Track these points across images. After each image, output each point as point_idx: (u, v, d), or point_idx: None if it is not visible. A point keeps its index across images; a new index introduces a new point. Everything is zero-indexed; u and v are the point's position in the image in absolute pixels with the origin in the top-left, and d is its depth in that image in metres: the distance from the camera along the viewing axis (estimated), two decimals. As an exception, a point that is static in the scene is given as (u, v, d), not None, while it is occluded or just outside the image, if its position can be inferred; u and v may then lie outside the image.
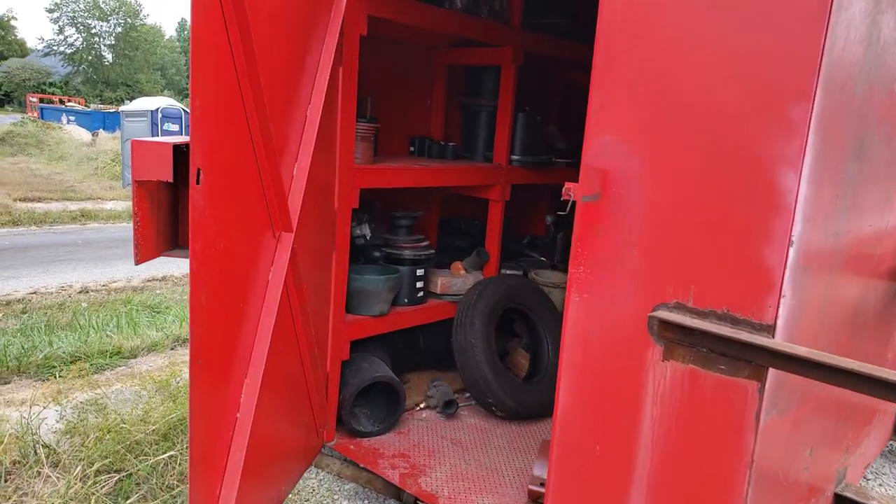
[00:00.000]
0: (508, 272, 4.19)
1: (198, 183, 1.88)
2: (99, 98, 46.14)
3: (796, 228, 1.83)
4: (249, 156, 2.21)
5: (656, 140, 2.03)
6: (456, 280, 3.83)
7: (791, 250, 1.84)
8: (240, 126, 2.13)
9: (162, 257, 2.18)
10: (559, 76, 5.00)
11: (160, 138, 2.15)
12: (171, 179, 1.98)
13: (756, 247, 1.87)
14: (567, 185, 2.31)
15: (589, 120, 2.20)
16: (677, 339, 2.08)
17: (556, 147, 4.39)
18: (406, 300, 3.64)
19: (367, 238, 3.74)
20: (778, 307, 1.88)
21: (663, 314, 2.10)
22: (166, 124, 15.17)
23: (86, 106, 33.57)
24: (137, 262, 2.05)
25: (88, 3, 49.74)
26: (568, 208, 2.31)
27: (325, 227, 3.07)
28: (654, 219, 2.07)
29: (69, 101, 35.16)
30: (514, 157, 4.01)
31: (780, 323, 1.90)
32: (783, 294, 1.87)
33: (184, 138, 2.09)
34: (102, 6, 50.08)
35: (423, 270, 3.66)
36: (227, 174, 2.08)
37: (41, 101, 33.20)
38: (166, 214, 2.24)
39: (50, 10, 49.52)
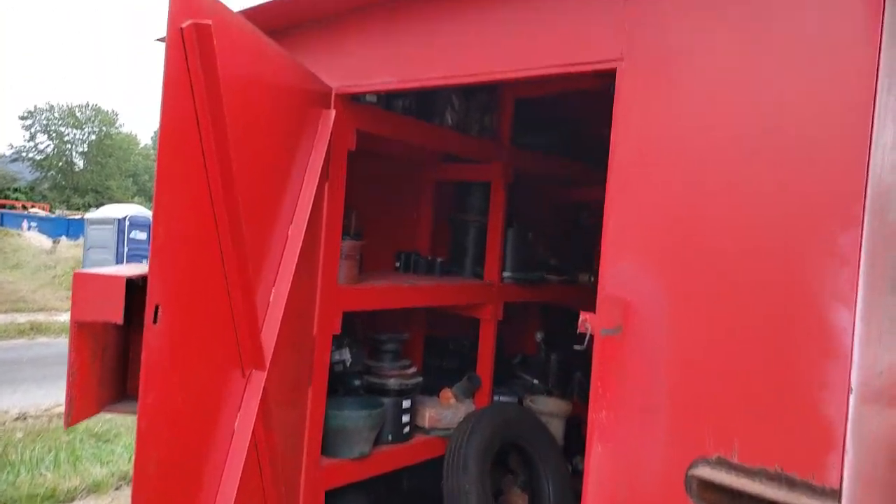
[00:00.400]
0: (502, 399, 3.82)
1: (155, 322, 1.54)
2: (66, 204, 45.71)
3: (855, 373, 1.55)
4: (220, 287, 1.88)
5: (684, 270, 1.78)
6: (446, 411, 3.44)
7: (851, 398, 1.56)
8: (210, 253, 1.82)
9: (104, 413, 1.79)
10: (547, 191, 4.88)
11: (111, 269, 1.81)
12: (120, 321, 1.63)
13: (810, 394, 1.58)
14: (583, 315, 2.02)
15: (605, 244, 1.95)
16: (722, 502, 1.75)
17: (547, 263, 4.16)
18: (390, 437, 3.22)
19: (348, 364, 3.36)
20: (843, 467, 1.57)
21: (704, 472, 1.78)
22: (133, 232, 14.81)
23: (50, 212, 33.07)
24: (69, 425, 1.66)
25: (64, 111, 50.36)
26: (585, 342, 2.01)
27: (301, 356, 2.71)
28: (686, 358, 1.78)
29: (32, 206, 34.64)
30: (506, 274, 3.75)
31: (845, 485, 1.59)
32: (846, 450, 1.57)
33: (140, 268, 1.76)
34: (78, 114, 50.71)
35: (409, 401, 3.27)
36: (191, 310, 1.74)
37: (2, 206, 32.61)
38: (112, 360, 1.87)
39: (23, 118, 49.95)
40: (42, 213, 30.51)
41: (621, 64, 1.84)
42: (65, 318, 12.19)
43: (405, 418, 3.26)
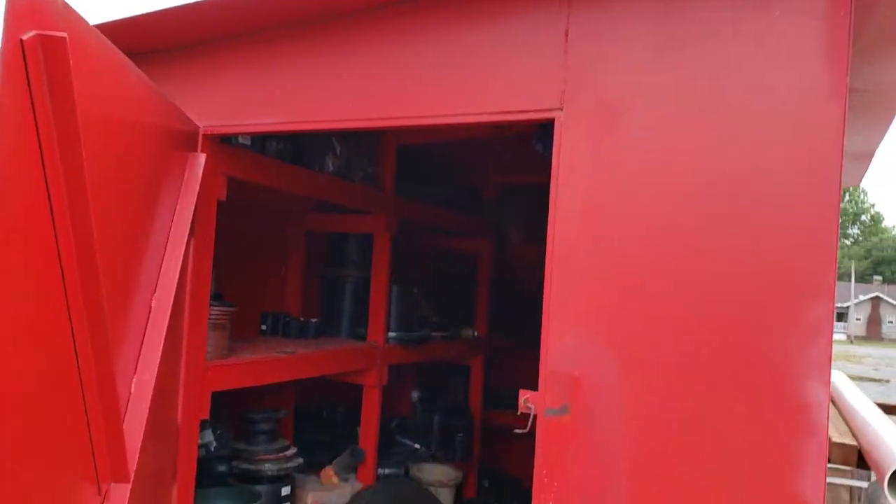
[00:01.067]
0: (388, 472, 3.47)
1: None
2: None
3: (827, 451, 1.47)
4: (69, 381, 1.42)
5: (639, 340, 1.62)
6: (330, 495, 3.03)
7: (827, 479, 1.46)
8: (58, 341, 1.36)
9: None
10: (424, 242, 4.68)
11: None
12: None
13: (784, 476, 1.46)
14: (524, 394, 1.81)
15: (547, 315, 1.75)
16: None
17: (430, 320, 3.93)
18: (267, 533, 2.75)
19: (212, 449, 2.85)
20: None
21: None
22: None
23: None
24: None
25: None
26: (529, 424, 1.78)
27: (163, 448, 2.20)
28: (644, 440, 1.61)
29: None
30: (391, 335, 3.45)
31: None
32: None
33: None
34: None
35: (289, 488, 2.83)
36: (29, 416, 1.27)
37: None
38: None
39: None
40: None
41: (560, 114, 1.67)
42: None
43: (284, 508, 2.81)
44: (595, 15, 1.65)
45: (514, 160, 4.19)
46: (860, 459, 2.52)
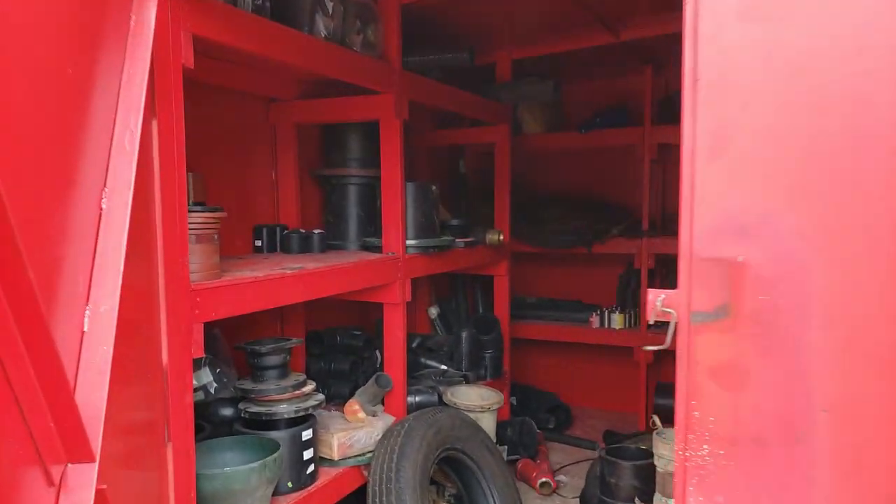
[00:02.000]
0: (419, 400, 3.00)
1: None
2: None
3: None
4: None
5: (848, 210, 1.07)
6: (357, 433, 2.55)
7: None
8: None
9: None
10: (431, 135, 4.06)
11: None
12: None
13: None
14: (654, 294, 1.28)
15: (690, 177, 1.19)
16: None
17: (447, 224, 3.37)
18: (289, 484, 2.28)
19: (212, 391, 2.34)
20: None
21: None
22: None
23: None
24: None
25: None
26: (669, 338, 1.26)
27: (147, 399, 1.67)
28: (859, 363, 1.09)
29: None
30: (410, 243, 2.89)
31: None
32: None
33: None
34: None
35: (310, 431, 2.34)
36: None
37: None
38: None
39: None
40: None
41: None
42: None
43: (307, 454, 2.33)
44: None
45: (534, 23, 3.53)
46: None
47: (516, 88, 3.66)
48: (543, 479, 3.36)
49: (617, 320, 4.30)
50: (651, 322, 1.27)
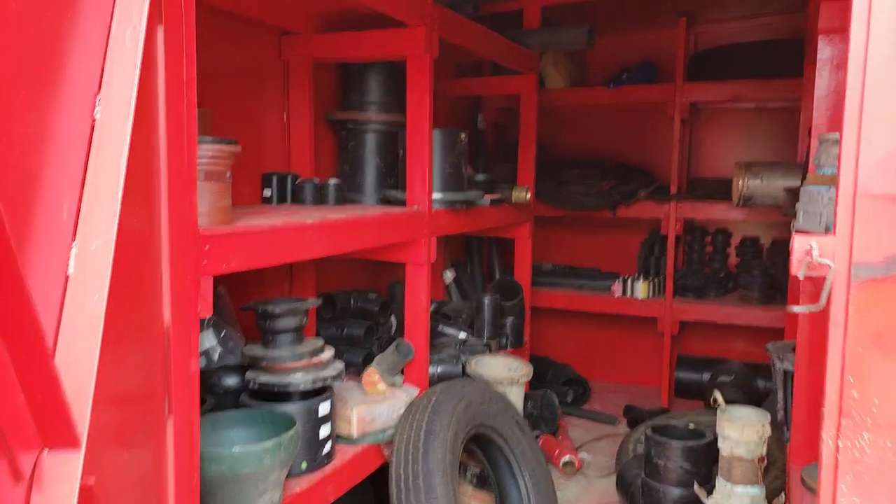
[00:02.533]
0: (441, 370, 2.73)
1: None
2: None
3: None
4: None
5: None
6: (379, 406, 2.29)
7: None
8: None
9: None
10: (444, 79, 3.74)
11: None
12: None
13: None
14: (801, 240, 1.01)
15: (865, 75, 0.91)
16: None
17: (473, 180, 3.07)
18: (303, 465, 2.01)
19: (215, 358, 2.06)
20: None
21: None
22: None
23: None
24: None
25: None
26: (825, 295, 0.99)
27: (144, 368, 1.39)
28: None
29: None
30: (437, 196, 2.60)
31: None
32: None
33: None
34: None
35: (328, 404, 2.07)
36: None
37: None
38: None
39: None
40: None
41: None
42: None
43: (324, 430, 2.06)
44: None
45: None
46: None
47: (547, 35, 3.33)
48: (567, 458, 3.13)
49: (641, 289, 4.04)
50: (800, 276, 0.99)
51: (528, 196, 3.26)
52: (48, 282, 0.85)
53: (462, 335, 3.25)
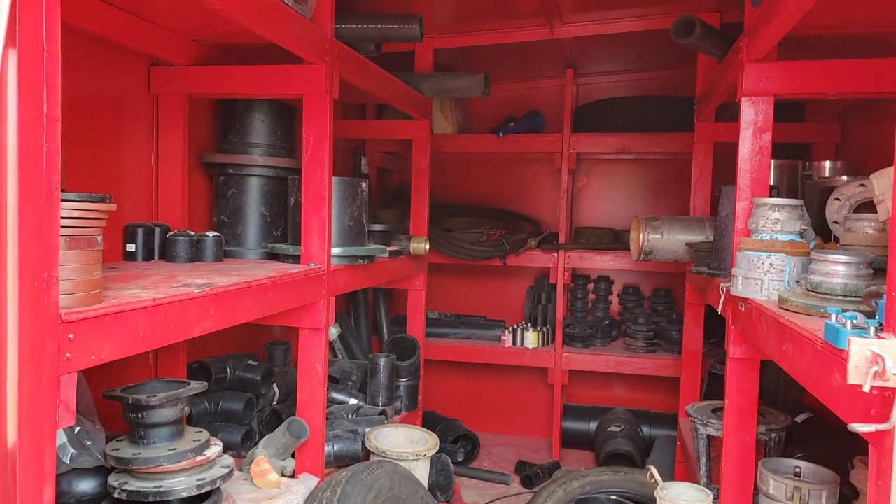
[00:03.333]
0: (337, 448, 2.41)
1: None
2: None
3: None
4: None
5: None
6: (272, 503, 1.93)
7: None
8: None
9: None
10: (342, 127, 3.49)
11: None
12: None
13: None
14: (855, 345, 0.89)
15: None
16: None
17: (371, 231, 2.82)
18: (186, 590, 1.62)
19: (68, 460, 1.64)
20: None
21: None
22: None
23: None
24: None
25: None
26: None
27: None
28: None
29: None
30: (336, 252, 2.32)
31: None
32: None
33: None
34: None
35: (215, 510, 1.70)
36: None
37: None
38: None
39: None
40: None
41: None
42: None
43: (210, 543, 1.68)
44: None
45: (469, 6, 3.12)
46: None
47: (443, 80, 3.20)
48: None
49: (531, 339, 3.97)
50: (866, 389, 0.85)
51: (427, 247, 3.06)
52: None
53: (353, 401, 2.96)
